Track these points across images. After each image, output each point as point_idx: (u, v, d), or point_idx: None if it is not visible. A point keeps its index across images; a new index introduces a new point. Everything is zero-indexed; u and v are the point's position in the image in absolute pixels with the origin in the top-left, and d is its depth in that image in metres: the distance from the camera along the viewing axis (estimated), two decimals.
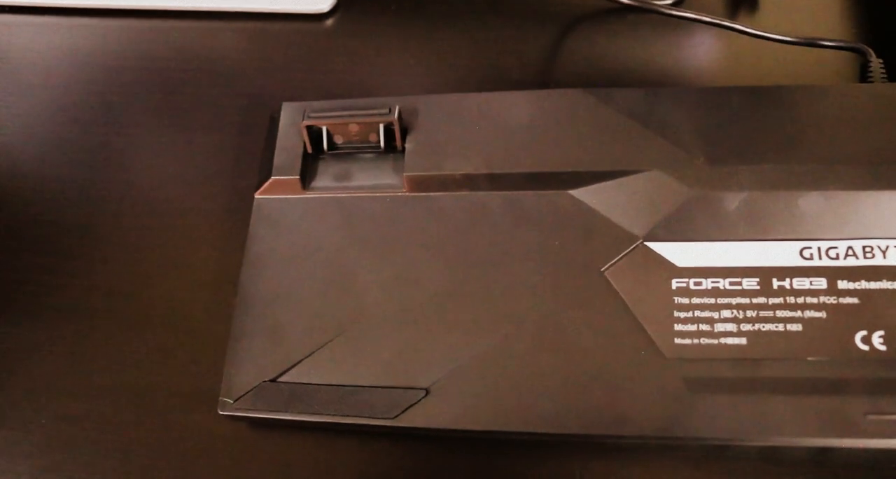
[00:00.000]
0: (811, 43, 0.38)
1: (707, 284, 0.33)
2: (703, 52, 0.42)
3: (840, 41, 0.39)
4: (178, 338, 0.37)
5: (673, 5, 0.42)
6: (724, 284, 0.33)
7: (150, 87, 0.45)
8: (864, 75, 0.38)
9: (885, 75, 0.37)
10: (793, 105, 0.35)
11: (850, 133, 0.34)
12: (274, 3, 0.47)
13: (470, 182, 0.35)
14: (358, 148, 0.37)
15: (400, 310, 0.34)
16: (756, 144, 0.34)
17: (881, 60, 0.38)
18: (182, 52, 0.46)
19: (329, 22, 0.47)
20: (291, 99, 0.40)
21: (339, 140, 0.37)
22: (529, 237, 0.34)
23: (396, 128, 0.36)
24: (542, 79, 0.43)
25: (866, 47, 0.38)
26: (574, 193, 0.35)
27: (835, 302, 0.32)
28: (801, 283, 0.32)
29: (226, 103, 0.44)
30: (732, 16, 0.43)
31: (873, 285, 0.32)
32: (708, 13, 0.40)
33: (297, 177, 0.37)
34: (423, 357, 0.33)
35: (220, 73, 0.45)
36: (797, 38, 0.38)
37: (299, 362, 0.34)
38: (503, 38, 0.45)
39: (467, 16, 0.46)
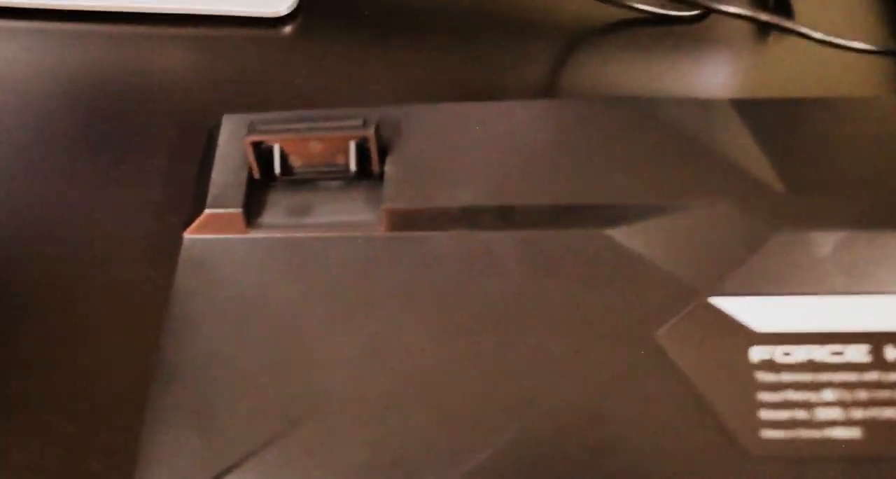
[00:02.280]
0: (891, 52, 0.30)
1: (800, 354, 0.24)
2: (740, 63, 0.34)
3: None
4: (77, 427, 0.28)
5: (696, 19, 0.35)
6: (822, 354, 0.24)
7: (68, 104, 0.36)
8: None
9: None
10: (886, 120, 0.27)
11: None
12: (222, 5, 0.38)
13: (471, 218, 0.27)
14: (321, 173, 0.28)
15: (376, 393, 0.25)
16: (851, 168, 0.26)
17: None
18: (110, 62, 0.37)
19: (288, 27, 0.39)
20: None
21: (295, 162, 0.28)
22: (553, 293, 0.25)
23: (373, 146, 0.27)
24: (545, 94, 0.35)
25: None
26: (613, 233, 0.26)
27: None
28: None
29: (161, 124, 0.35)
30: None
31: None
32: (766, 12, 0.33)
33: (240, 210, 0.28)
34: (409, 460, 0.24)
35: (155, 89, 0.36)
36: (875, 46, 0.31)
37: (238, 465, 0.24)
38: (501, 46, 0.37)
39: (457, 19, 0.38)
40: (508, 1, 0.39)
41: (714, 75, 0.35)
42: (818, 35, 0.31)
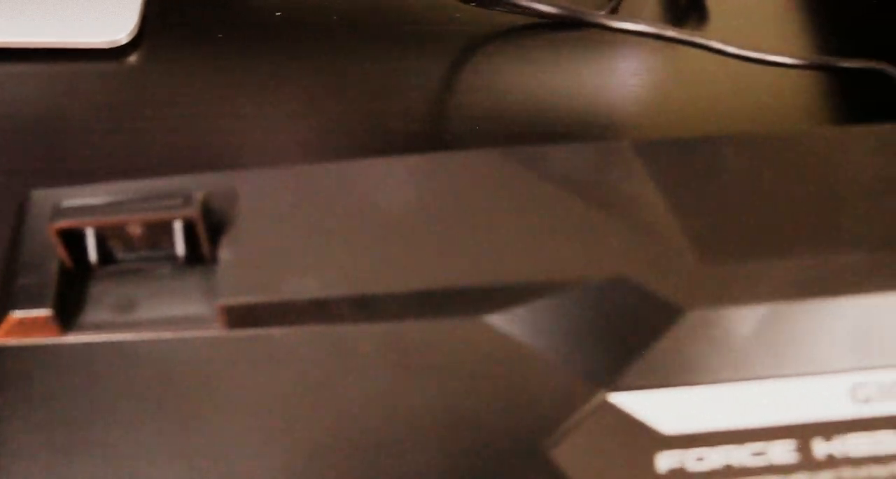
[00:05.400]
0: (820, 65, 0.27)
1: (715, 458, 0.20)
2: (647, 78, 0.30)
3: (859, 61, 0.27)
4: None
5: (607, 14, 0.30)
6: (741, 455, 0.20)
7: None
8: (887, 107, 0.26)
9: None
10: (813, 162, 0.23)
11: None
12: (49, 35, 0.33)
13: (325, 311, 0.22)
14: (147, 259, 0.24)
15: None
16: (773, 227, 0.22)
17: None
18: None
19: (131, 58, 0.33)
20: (70, 175, 0.26)
21: (116, 248, 0.24)
22: (423, 397, 0.21)
23: (200, 226, 0.23)
24: (436, 129, 0.31)
25: (893, 69, 0.26)
26: (492, 319, 0.22)
27: None
28: (859, 443, 0.20)
29: None
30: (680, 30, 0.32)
31: None
32: (673, 28, 0.28)
33: (50, 311, 0.23)
34: None
35: None
36: (800, 59, 0.27)
37: None
38: (380, 71, 0.32)
39: (326, 43, 0.33)
40: (367, 14, 0.34)
41: (618, 85, 0.31)
42: (731, 49, 0.27)
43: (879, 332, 0.21)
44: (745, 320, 0.21)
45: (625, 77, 0.30)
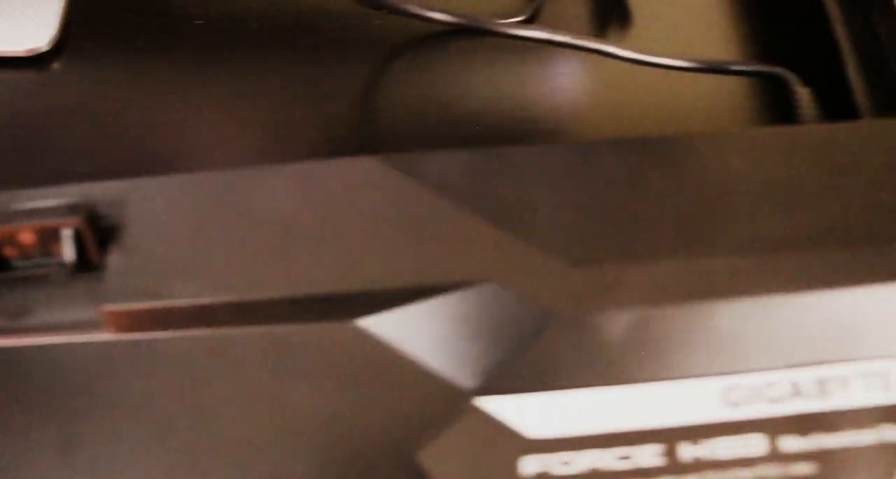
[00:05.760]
0: (714, 68, 0.27)
1: (579, 462, 0.20)
2: (565, 85, 0.30)
3: (754, 65, 0.27)
4: None
5: (521, 23, 0.31)
6: (607, 459, 0.20)
7: None
8: (788, 112, 0.26)
9: (817, 110, 0.26)
10: (694, 167, 0.23)
11: (784, 204, 0.22)
12: None
13: (206, 315, 0.22)
14: (41, 266, 0.24)
15: None
16: (643, 230, 0.22)
17: (809, 90, 0.26)
18: None
19: (54, 65, 0.33)
20: None
21: (11, 254, 0.24)
22: (298, 399, 0.21)
23: (87, 233, 0.23)
24: (354, 134, 0.31)
25: (789, 73, 0.26)
26: (363, 323, 0.22)
27: (782, 474, 0.20)
28: (727, 447, 0.20)
29: None
30: (600, 34, 0.32)
31: (835, 442, 0.20)
32: (568, 33, 0.29)
33: None
34: None
35: None
36: (695, 62, 0.27)
37: None
38: (300, 78, 0.33)
39: (247, 51, 0.34)
40: (288, 21, 0.34)
41: (530, 92, 0.31)
42: (624, 53, 0.27)
43: (751, 335, 0.21)
44: (614, 324, 0.21)
45: (537, 83, 0.30)
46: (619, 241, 0.22)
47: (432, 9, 0.28)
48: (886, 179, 0.22)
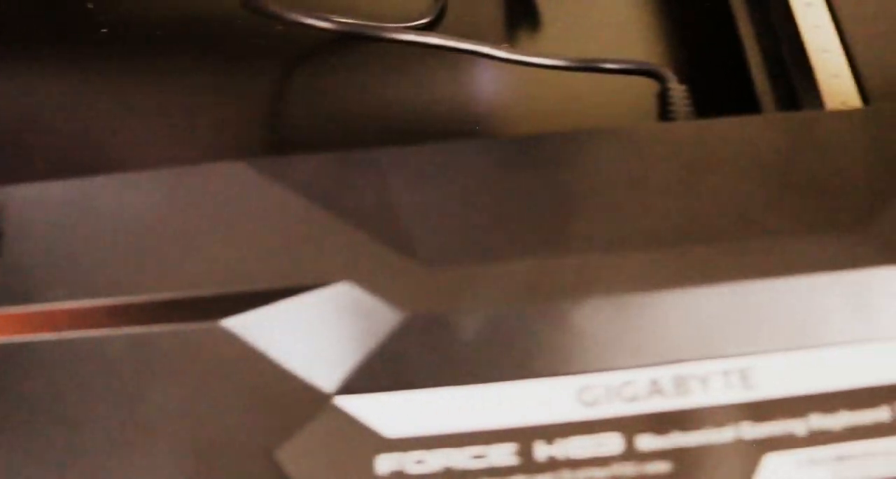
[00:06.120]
0: (587, 66, 0.27)
1: (433, 461, 0.21)
2: (464, 88, 0.30)
3: (625, 62, 0.27)
4: None
5: (425, 27, 0.31)
6: (461, 458, 0.21)
7: None
8: (664, 108, 0.26)
9: (691, 106, 0.26)
10: (559, 165, 0.23)
11: (645, 202, 0.22)
12: None
13: (81, 319, 0.23)
14: None
15: None
16: (504, 230, 0.22)
17: (684, 87, 0.26)
18: None
19: None
20: None
21: None
22: (163, 400, 0.22)
23: None
24: (257, 139, 0.31)
25: (663, 69, 0.27)
26: (226, 324, 0.22)
27: (638, 473, 0.20)
28: (582, 446, 0.21)
29: None
30: (510, 38, 0.32)
31: (693, 439, 0.21)
32: (440, 36, 0.29)
33: None
34: None
35: None
36: (571, 61, 0.27)
37: None
38: (204, 85, 0.33)
39: (153, 58, 0.34)
40: (195, 29, 0.34)
41: (430, 96, 0.31)
42: (501, 54, 0.27)
43: (608, 334, 0.21)
44: (469, 323, 0.21)
45: (434, 86, 0.31)
46: (479, 241, 0.22)
47: (313, 15, 0.29)
48: (748, 176, 0.22)
